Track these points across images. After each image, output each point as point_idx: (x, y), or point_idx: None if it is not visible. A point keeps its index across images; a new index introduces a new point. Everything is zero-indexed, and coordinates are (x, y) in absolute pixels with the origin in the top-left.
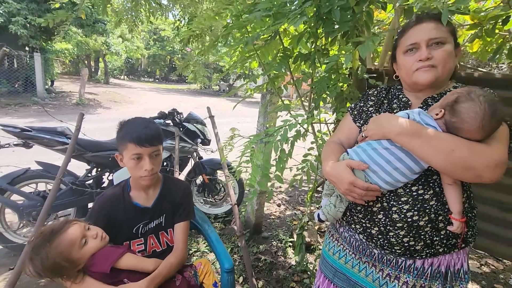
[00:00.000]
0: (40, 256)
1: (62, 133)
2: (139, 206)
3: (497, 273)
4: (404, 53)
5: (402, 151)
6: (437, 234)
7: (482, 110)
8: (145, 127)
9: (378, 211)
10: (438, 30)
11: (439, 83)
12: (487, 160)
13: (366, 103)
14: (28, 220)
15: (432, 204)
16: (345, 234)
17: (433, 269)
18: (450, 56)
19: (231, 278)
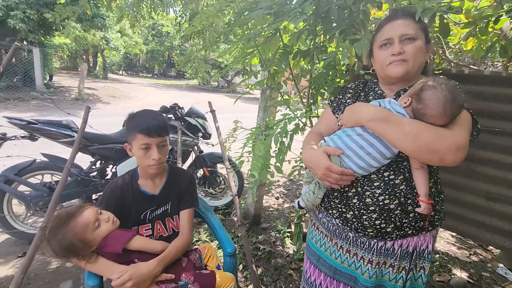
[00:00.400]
0: (58, 237)
1: (67, 126)
2: (147, 193)
3: (485, 262)
4: (380, 48)
5: (374, 137)
6: (406, 217)
7: (444, 96)
8: (154, 119)
9: (353, 196)
10: (410, 27)
11: (410, 76)
12: (449, 143)
13: (344, 96)
14: (35, 210)
15: (402, 189)
16: (323, 220)
17: (402, 250)
18: (420, 51)
19: (233, 261)
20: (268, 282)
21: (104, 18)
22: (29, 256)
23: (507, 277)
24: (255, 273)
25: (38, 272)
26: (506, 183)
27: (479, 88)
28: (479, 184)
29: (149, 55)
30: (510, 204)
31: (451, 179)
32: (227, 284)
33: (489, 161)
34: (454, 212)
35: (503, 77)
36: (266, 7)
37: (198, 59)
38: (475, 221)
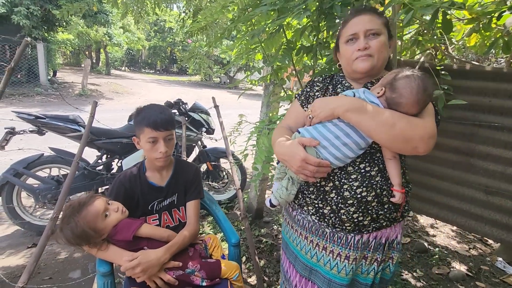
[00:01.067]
0: (70, 225)
1: (74, 120)
2: (154, 185)
3: (484, 256)
4: (345, 43)
5: (349, 127)
6: (382, 208)
7: (417, 85)
8: (161, 113)
9: (331, 190)
10: (374, 22)
11: (375, 71)
12: (422, 132)
13: (312, 89)
14: (43, 202)
15: (377, 180)
16: (298, 217)
17: (376, 242)
18: (384, 46)
19: (237, 251)
20: (270, 274)
21: (107, 14)
22: (40, 245)
23: (506, 271)
24: (258, 264)
25: (47, 262)
26: (505, 177)
27: (480, 84)
28: (478, 178)
29: (152, 51)
30: (509, 198)
31: (451, 173)
32: (232, 272)
33: (488, 156)
34: (453, 206)
35: (503, 73)
36: (270, 3)
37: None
38: (474, 214)
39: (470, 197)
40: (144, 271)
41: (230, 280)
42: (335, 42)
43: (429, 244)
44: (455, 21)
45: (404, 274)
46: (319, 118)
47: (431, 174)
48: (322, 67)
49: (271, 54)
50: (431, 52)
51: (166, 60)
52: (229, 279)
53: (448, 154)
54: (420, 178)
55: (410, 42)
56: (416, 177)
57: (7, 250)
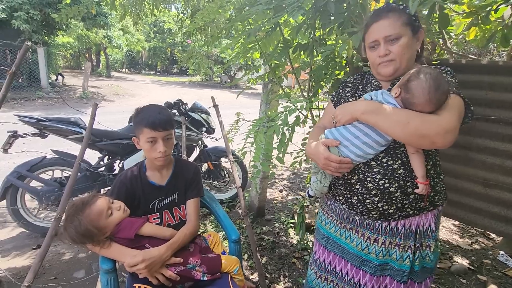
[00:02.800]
0: (74, 224)
1: (75, 123)
2: (155, 184)
3: (486, 250)
4: (369, 49)
5: (368, 127)
6: (407, 198)
7: (428, 85)
8: (159, 113)
9: (356, 182)
10: (392, 27)
11: (400, 72)
12: (437, 127)
13: (344, 90)
14: (47, 204)
15: (400, 173)
16: (332, 206)
17: (406, 229)
18: (406, 47)
19: (237, 247)
20: (272, 271)
21: (106, 16)
22: (45, 245)
23: (508, 264)
24: (259, 262)
25: (52, 262)
26: (502, 170)
27: (476, 77)
28: (476, 172)
29: (152, 52)
30: (507, 191)
31: (450, 167)
32: (232, 267)
33: (486, 149)
34: (452, 199)
35: (499, 66)
36: (266, 2)
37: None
38: (473, 207)
39: (469, 190)
40: (147, 268)
41: (230, 274)
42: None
43: None
44: (454, 15)
45: None
46: (341, 122)
47: None
48: (319, 64)
49: (268, 53)
50: (427, 47)
51: (166, 61)
52: (230, 273)
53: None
54: None
55: None
56: None
57: (12, 251)
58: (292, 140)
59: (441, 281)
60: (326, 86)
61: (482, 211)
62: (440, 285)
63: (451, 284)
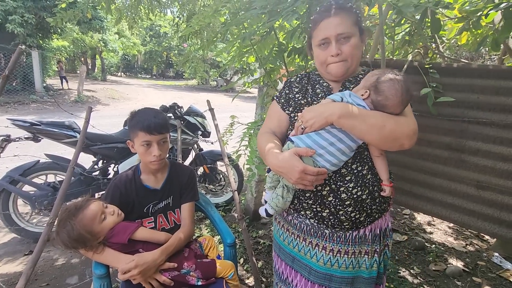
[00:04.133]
0: (67, 228)
1: (69, 126)
2: (149, 188)
3: (480, 252)
4: (318, 47)
5: (341, 132)
6: (374, 203)
7: (400, 86)
8: (154, 117)
9: (328, 194)
10: (344, 25)
11: (350, 72)
12: (407, 129)
13: (291, 91)
14: (40, 209)
15: (369, 178)
16: (295, 221)
17: (372, 234)
18: (356, 47)
19: (233, 251)
20: (268, 274)
21: (102, 20)
22: (37, 250)
23: (502, 266)
24: (255, 265)
25: (44, 269)
26: (495, 172)
27: (468, 81)
28: (469, 174)
29: (147, 56)
30: (499, 192)
31: (443, 169)
32: (227, 271)
33: (478, 151)
34: (446, 201)
35: (489, 69)
36: (261, 6)
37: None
38: (466, 209)
39: (462, 192)
40: (141, 273)
41: (225, 279)
42: (307, 40)
43: (426, 241)
44: (447, 20)
45: (401, 271)
46: (313, 128)
47: (424, 171)
48: (313, 68)
49: (263, 57)
50: (420, 51)
51: (162, 64)
52: (225, 278)
53: (440, 150)
54: (413, 175)
55: (402, 42)
56: (409, 174)
57: (4, 257)
58: None
59: (436, 283)
60: None
61: (476, 213)
62: (435, 287)
63: (446, 287)
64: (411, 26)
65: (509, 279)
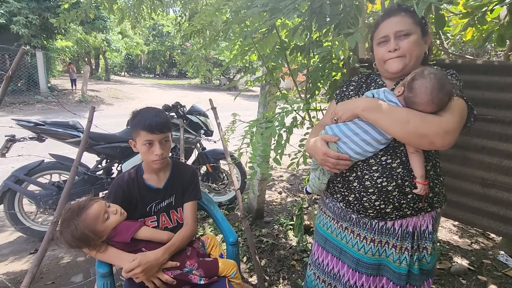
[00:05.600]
0: (70, 228)
1: (73, 126)
2: (152, 187)
3: (486, 250)
4: (378, 45)
5: (368, 124)
6: (404, 198)
7: (431, 84)
8: (156, 116)
9: (354, 180)
10: (403, 23)
11: (407, 70)
12: (436, 128)
13: (347, 88)
14: (45, 208)
15: (399, 172)
16: (330, 204)
17: (402, 230)
18: (416, 45)
19: (235, 250)
20: (271, 273)
21: (105, 20)
22: (42, 249)
23: (508, 264)
24: (258, 264)
25: (50, 267)
26: (500, 169)
27: (473, 77)
28: (474, 171)
29: (151, 56)
30: (505, 190)
31: (448, 167)
32: (229, 270)
33: (483, 149)
34: (451, 199)
35: (495, 66)
36: (262, 4)
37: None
38: (471, 207)
39: (467, 190)
40: (144, 271)
41: (228, 277)
42: (369, 43)
43: None
44: (451, 16)
45: None
46: (342, 119)
47: None
48: (316, 66)
49: (265, 55)
50: None
51: (165, 64)
52: (227, 276)
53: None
54: None
55: None
56: None
57: (10, 256)
58: (289, 142)
59: (441, 281)
60: (324, 87)
61: (481, 211)
62: (440, 286)
63: (451, 285)
64: None
65: None
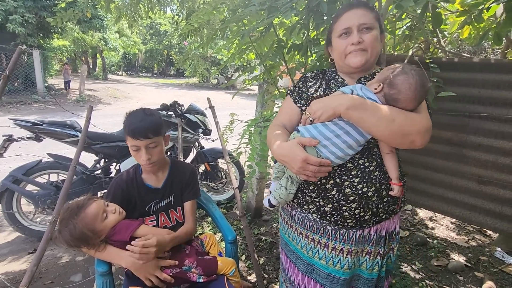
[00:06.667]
0: (69, 227)
1: (71, 126)
2: (151, 187)
3: (483, 247)
4: (338, 37)
5: (349, 125)
6: (381, 202)
7: (415, 81)
8: (141, 121)
9: (332, 188)
10: (367, 17)
11: (368, 65)
12: (419, 126)
13: (305, 85)
14: (43, 208)
15: (376, 175)
16: (298, 216)
17: (377, 235)
18: (377, 40)
19: (234, 248)
20: (270, 271)
21: (102, 19)
22: (41, 249)
23: (505, 260)
24: (257, 262)
25: (48, 267)
26: (496, 166)
27: (469, 75)
28: (470, 169)
29: (148, 55)
30: (501, 187)
31: (444, 164)
32: (228, 268)
33: (480, 146)
34: (447, 197)
35: (491, 63)
36: (259, 3)
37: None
38: (468, 204)
39: (464, 187)
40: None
41: (226, 276)
42: (326, 36)
43: (428, 236)
44: (448, 14)
45: (403, 267)
46: (321, 119)
47: (425, 166)
48: (313, 64)
49: (263, 53)
50: (420, 46)
51: (163, 63)
52: (226, 275)
53: (441, 145)
54: (415, 170)
55: (402, 37)
56: (411, 170)
57: (8, 256)
58: None
59: (439, 278)
60: None
61: (477, 208)
62: (438, 283)
63: (448, 282)
64: (412, 20)
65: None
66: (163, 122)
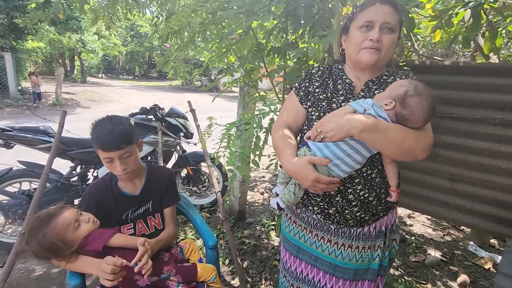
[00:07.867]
0: (37, 237)
1: (44, 131)
2: (128, 194)
3: (457, 241)
4: (358, 28)
5: (360, 144)
6: (380, 204)
7: (428, 103)
8: (110, 132)
9: (336, 194)
10: (393, 17)
11: (378, 66)
12: (424, 144)
13: (311, 84)
14: (14, 218)
15: (377, 181)
16: (303, 215)
17: (376, 231)
18: (393, 44)
19: (215, 254)
20: (253, 274)
21: (79, 20)
22: (9, 263)
23: (477, 254)
24: (240, 266)
25: (20, 281)
26: (466, 165)
27: (440, 78)
28: (443, 167)
29: (129, 57)
30: (471, 184)
31: (419, 164)
32: (208, 275)
33: (451, 145)
34: (422, 194)
35: (459, 66)
36: (238, 6)
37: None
38: (441, 201)
39: (437, 185)
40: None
41: (206, 282)
42: (345, 22)
43: (407, 233)
44: (422, 19)
45: None
46: (333, 139)
47: (402, 166)
48: (292, 67)
49: (243, 56)
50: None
51: (145, 65)
52: (206, 281)
53: None
54: None
55: None
56: None
57: None
58: (267, 143)
59: (416, 274)
60: None
61: (450, 205)
62: (416, 278)
63: (425, 276)
64: None
65: (484, 266)
66: (133, 129)
